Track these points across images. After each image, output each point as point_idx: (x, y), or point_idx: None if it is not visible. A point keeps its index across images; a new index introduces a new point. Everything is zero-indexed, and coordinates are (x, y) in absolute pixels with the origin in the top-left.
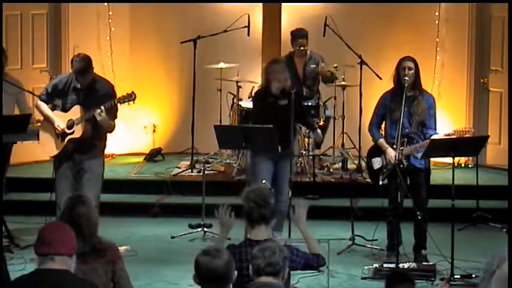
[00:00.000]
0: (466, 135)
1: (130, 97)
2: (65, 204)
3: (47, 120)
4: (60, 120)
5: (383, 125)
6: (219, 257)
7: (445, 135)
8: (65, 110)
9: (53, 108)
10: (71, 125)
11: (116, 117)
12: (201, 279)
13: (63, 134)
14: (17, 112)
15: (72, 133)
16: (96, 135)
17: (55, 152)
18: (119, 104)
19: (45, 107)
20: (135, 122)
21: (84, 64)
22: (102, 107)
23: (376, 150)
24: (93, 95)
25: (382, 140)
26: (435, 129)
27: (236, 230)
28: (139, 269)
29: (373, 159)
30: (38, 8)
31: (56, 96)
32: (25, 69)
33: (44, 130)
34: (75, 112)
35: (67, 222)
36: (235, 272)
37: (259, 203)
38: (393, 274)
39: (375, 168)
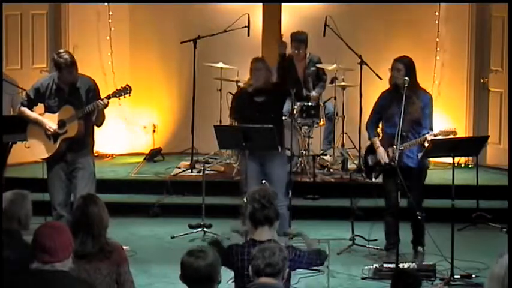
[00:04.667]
0: (450, 136)
1: (126, 90)
2: (77, 203)
3: (35, 123)
4: (49, 121)
5: (380, 124)
6: (202, 258)
7: (432, 135)
8: (53, 111)
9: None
10: (62, 124)
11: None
12: (185, 279)
13: (55, 135)
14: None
15: (64, 133)
16: (87, 133)
17: (46, 154)
18: (117, 98)
19: (30, 112)
20: (135, 122)
21: (71, 56)
22: (106, 97)
23: (373, 148)
24: (77, 92)
25: (375, 139)
26: (431, 128)
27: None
28: (139, 269)
29: (368, 156)
30: (38, 8)
31: (38, 100)
32: (25, 69)
33: (32, 133)
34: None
35: (78, 221)
36: (221, 274)
37: (264, 204)
38: (399, 274)
39: (370, 164)
